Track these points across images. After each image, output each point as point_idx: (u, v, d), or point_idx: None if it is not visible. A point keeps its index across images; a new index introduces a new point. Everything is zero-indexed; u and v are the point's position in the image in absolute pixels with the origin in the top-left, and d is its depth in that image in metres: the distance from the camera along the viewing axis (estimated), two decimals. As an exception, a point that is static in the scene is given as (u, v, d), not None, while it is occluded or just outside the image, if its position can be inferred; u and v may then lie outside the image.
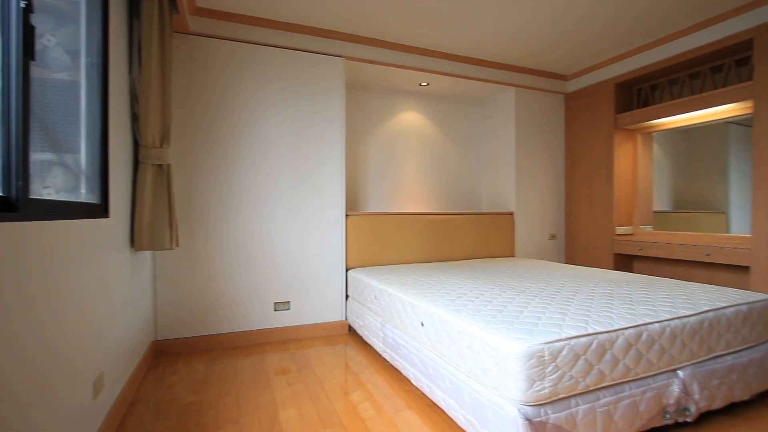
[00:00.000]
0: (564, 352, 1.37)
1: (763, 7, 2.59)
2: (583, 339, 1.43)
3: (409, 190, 3.98)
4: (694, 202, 3.35)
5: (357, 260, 3.19)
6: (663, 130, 3.52)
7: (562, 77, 4.05)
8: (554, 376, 1.35)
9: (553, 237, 4.10)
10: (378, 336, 2.47)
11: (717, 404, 1.73)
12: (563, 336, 1.40)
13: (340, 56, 3.09)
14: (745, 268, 2.93)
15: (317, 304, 3.02)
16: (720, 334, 1.79)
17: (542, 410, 1.34)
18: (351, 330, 3.14)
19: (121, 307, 1.90)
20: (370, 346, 2.80)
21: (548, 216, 4.07)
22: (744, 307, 1.88)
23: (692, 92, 3.24)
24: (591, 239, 3.84)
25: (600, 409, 1.44)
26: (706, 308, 1.78)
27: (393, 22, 2.88)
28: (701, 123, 3.21)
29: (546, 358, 1.34)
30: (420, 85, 3.71)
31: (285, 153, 2.92)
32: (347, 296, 3.17)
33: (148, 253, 2.51)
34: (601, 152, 3.72)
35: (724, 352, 1.81)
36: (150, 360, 2.48)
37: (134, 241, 2.13)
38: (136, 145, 2.25)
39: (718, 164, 3.18)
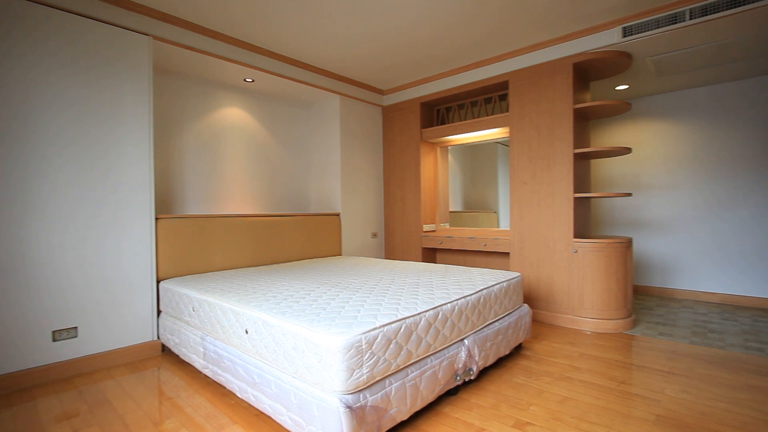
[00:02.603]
0: (378, 339, 1.54)
1: (514, 59, 3.45)
2: (394, 325, 1.63)
3: (234, 191, 3.74)
4: (477, 203, 4.22)
5: (171, 269, 2.82)
6: (456, 145, 4.31)
7: (381, 91, 4.50)
8: (371, 362, 1.50)
9: (374, 235, 4.51)
10: (198, 352, 2.25)
11: (490, 361, 2.24)
12: (378, 324, 1.57)
13: (147, 34, 2.67)
14: (507, 254, 3.85)
15: (118, 325, 2.54)
16: (491, 306, 2.31)
17: (361, 395, 1.47)
18: (165, 350, 2.76)
19: None
20: (188, 364, 2.52)
21: (370, 216, 4.46)
22: (505, 284, 2.48)
23: (473, 117, 4.07)
24: (405, 236, 4.39)
25: (409, 384, 1.68)
26: (481, 287, 2.28)
27: (216, 8, 2.66)
28: (480, 141, 4.07)
29: (363, 346, 1.48)
30: (245, 80, 3.54)
31: (69, 144, 2.34)
32: (159, 312, 2.77)
33: None
34: (411, 160, 4.30)
35: (494, 320, 2.34)
36: None
37: None
38: None
39: (491, 174, 4.09)
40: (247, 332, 1.86)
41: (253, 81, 3.56)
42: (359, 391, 1.48)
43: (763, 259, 3.73)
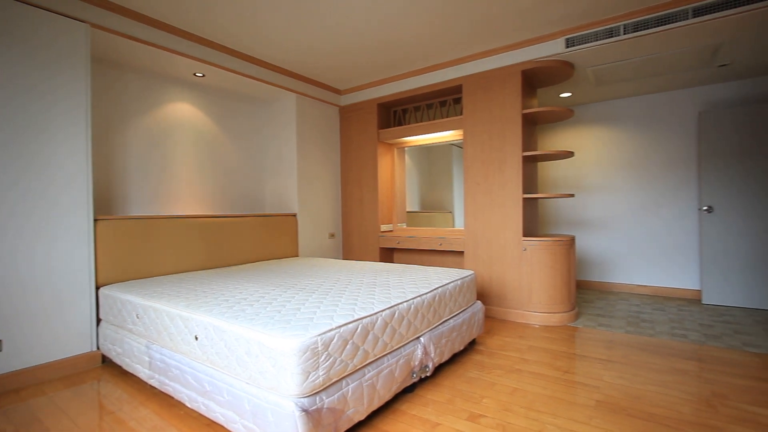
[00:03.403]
0: (335, 340, 1.54)
1: (467, 63, 3.57)
2: (350, 325, 1.63)
3: (184, 191, 3.56)
4: (434, 204, 4.31)
5: (112, 275, 2.63)
6: (412, 146, 4.38)
7: (338, 91, 4.48)
8: (327, 363, 1.49)
9: (332, 236, 4.48)
10: (143, 361, 2.12)
11: (445, 357, 2.30)
12: (334, 325, 1.57)
13: (84, 21, 2.47)
14: (462, 253, 3.97)
15: (50, 336, 2.33)
16: (446, 304, 2.38)
17: (317, 398, 1.46)
18: (106, 361, 2.57)
19: None
20: (132, 375, 2.37)
21: (328, 216, 4.43)
22: (459, 282, 2.56)
23: (429, 119, 4.16)
24: (362, 236, 4.40)
25: (366, 383, 1.68)
26: (437, 286, 2.34)
27: (156, -2, 2.52)
28: (435, 143, 4.16)
29: (319, 348, 1.47)
30: (195, 75, 3.38)
31: (-13, 138, 2.12)
32: (99, 320, 2.58)
33: None
34: (368, 161, 4.31)
35: (449, 317, 2.41)
36: None
37: None
38: None
39: (447, 175, 4.20)
40: (196, 339, 1.78)
41: (203, 76, 3.41)
42: (315, 393, 1.46)
43: (685, 255, 4.13)
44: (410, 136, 4.04)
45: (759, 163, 3.64)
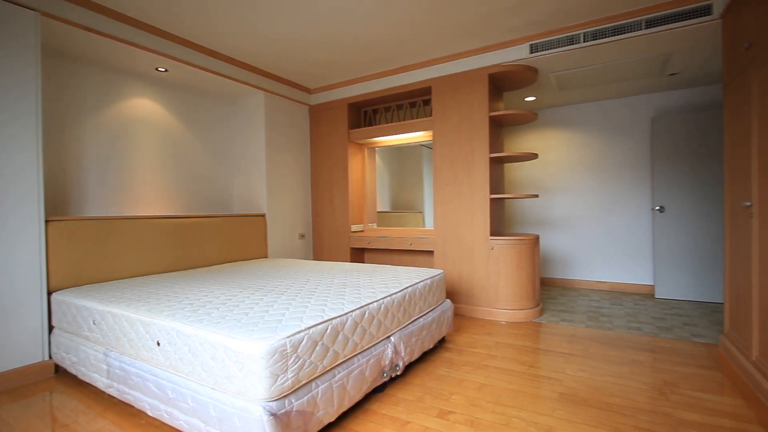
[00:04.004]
0: (304, 342, 1.52)
1: (437, 66, 3.62)
2: (320, 326, 1.62)
3: (146, 191, 3.41)
4: (404, 204, 4.35)
5: (67, 279, 2.49)
6: (383, 146, 4.40)
7: (308, 90, 4.42)
8: (296, 366, 1.48)
9: (302, 236, 4.42)
10: (100, 370, 2.02)
11: (415, 356, 2.32)
12: (303, 327, 1.55)
13: (34, 9, 2.32)
14: (431, 252, 4.03)
15: (-5, 347, 2.18)
16: (415, 303, 2.40)
17: (286, 401, 1.44)
18: (60, 371, 2.43)
19: None
20: (89, 385, 2.25)
21: (298, 217, 4.37)
22: (429, 281, 2.60)
23: (399, 119, 4.19)
24: (333, 236, 4.37)
25: (336, 385, 1.68)
26: (406, 285, 2.36)
27: (114, -11, 2.40)
28: (405, 143, 4.20)
29: (288, 350, 1.45)
30: (158, 70, 3.24)
31: None
32: (51, 328, 2.43)
33: None
34: (339, 161, 4.29)
35: (418, 316, 2.44)
36: None
37: None
38: None
39: (417, 176, 4.25)
40: (159, 344, 1.71)
41: (166, 71, 3.28)
42: (284, 396, 1.44)
43: (640, 252, 4.37)
44: (381, 136, 4.05)
45: (706, 166, 3.91)
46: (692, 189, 3.97)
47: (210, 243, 3.44)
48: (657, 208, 4.09)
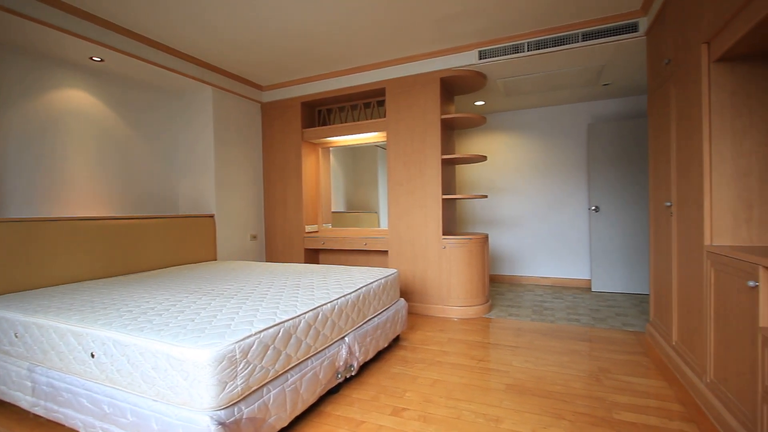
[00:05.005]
0: (254, 347, 1.48)
1: (390, 67, 3.66)
2: (271, 330, 1.59)
3: (80, 190, 3.13)
4: (359, 204, 4.35)
5: (-19, 289, 2.23)
6: (337, 146, 4.37)
7: (259, 87, 4.29)
8: (246, 371, 1.43)
9: (254, 237, 4.29)
10: (24, 387, 1.83)
11: (370, 355, 2.33)
12: (254, 331, 1.51)
13: (-65, -13, 2.06)
14: (386, 252, 4.07)
15: None
16: (370, 303, 2.41)
17: (236, 409, 1.39)
18: (-28, 391, 2.17)
19: None
20: (11, 405, 2.03)
21: (249, 217, 4.23)
22: (383, 280, 2.62)
23: (353, 120, 4.19)
24: (287, 237, 4.28)
25: (289, 388, 1.65)
26: (360, 285, 2.37)
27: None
28: (360, 144, 4.20)
29: (237, 356, 1.40)
30: (92, 59, 3.00)
31: None
32: (-38, 344, 2.17)
33: None
34: (292, 160, 4.21)
35: (373, 315, 2.45)
36: None
37: None
38: None
39: (372, 176, 4.27)
40: (93, 356, 1.59)
41: (102, 61, 3.04)
42: (233, 404, 1.40)
43: (579, 249, 4.70)
44: (335, 136, 4.03)
45: (636, 169, 4.27)
46: (624, 190, 4.32)
47: (154, 246, 3.24)
48: (593, 208, 4.41)
